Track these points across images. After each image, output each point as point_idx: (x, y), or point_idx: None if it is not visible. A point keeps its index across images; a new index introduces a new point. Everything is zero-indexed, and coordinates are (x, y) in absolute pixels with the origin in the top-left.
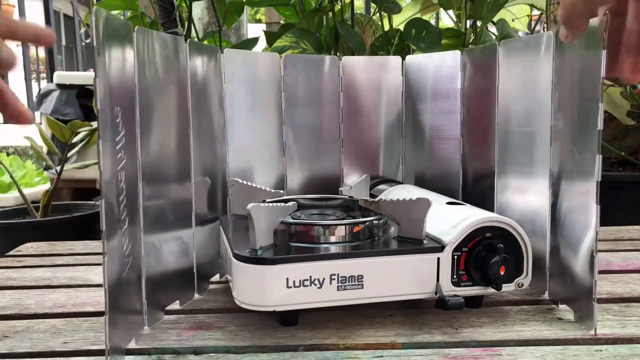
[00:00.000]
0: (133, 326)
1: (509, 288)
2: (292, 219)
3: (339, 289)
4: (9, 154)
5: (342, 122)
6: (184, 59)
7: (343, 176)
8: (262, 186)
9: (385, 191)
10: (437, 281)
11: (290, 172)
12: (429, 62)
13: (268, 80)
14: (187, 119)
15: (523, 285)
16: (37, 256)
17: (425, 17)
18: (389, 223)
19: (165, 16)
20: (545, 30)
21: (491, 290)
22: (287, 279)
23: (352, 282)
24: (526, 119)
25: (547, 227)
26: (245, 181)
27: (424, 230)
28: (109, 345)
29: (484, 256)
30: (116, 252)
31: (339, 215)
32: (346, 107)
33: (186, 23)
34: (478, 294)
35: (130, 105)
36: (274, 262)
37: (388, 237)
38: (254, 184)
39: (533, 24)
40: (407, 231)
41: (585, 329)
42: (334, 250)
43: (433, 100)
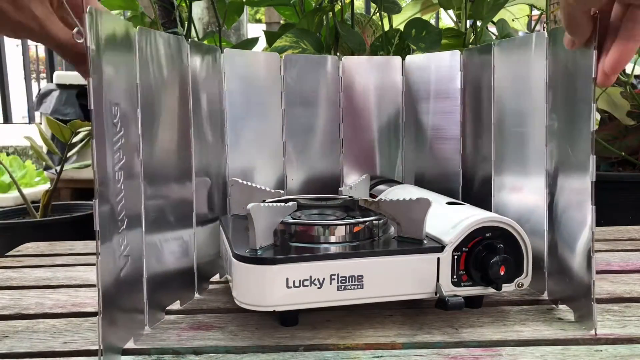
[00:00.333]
0: (132, 326)
1: (509, 288)
2: (292, 219)
3: (339, 289)
4: (9, 154)
5: (342, 122)
6: (185, 58)
7: (343, 176)
8: (262, 186)
9: (385, 191)
10: (437, 281)
11: (290, 172)
12: (429, 62)
13: (268, 80)
14: (187, 119)
15: (523, 285)
16: (37, 256)
17: (425, 17)
18: (389, 223)
19: (165, 16)
20: (545, 30)
21: (491, 290)
22: (287, 279)
23: (352, 282)
24: (521, 118)
25: (545, 227)
26: (245, 181)
27: (424, 230)
28: (102, 345)
29: (484, 256)
30: (111, 252)
31: (339, 215)
32: (346, 107)
33: (186, 23)
34: (478, 294)
35: (130, 104)
36: (274, 262)
37: (388, 237)
38: (254, 184)
39: (533, 24)
40: (407, 231)
41: (586, 329)
42: (334, 250)
43: (433, 100)
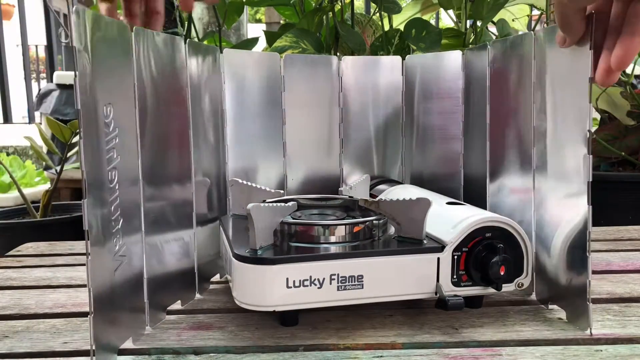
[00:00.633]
0: (131, 325)
1: (509, 288)
2: (292, 219)
3: (339, 289)
4: (9, 154)
5: (342, 122)
6: (182, 58)
7: (343, 176)
8: (262, 186)
9: (385, 191)
10: (437, 281)
11: (290, 172)
12: (430, 62)
13: (267, 80)
14: (186, 119)
15: (523, 285)
16: (37, 256)
17: (425, 17)
18: (389, 223)
19: (165, 16)
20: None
21: (491, 290)
22: (287, 279)
23: (352, 282)
24: (515, 118)
25: (532, 227)
26: (245, 181)
27: (424, 230)
28: (94, 345)
29: (484, 256)
30: (104, 252)
31: (339, 215)
32: (346, 107)
33: (186, 23)
34: (478, 294)
35: (126, 104)
36: (274, 262)
37: (388, 237)
38: (254, 184)
39: (533, 23)
40: (407, 231)
41: (579, 329)
42: (334, 250)
43: (434, 100)
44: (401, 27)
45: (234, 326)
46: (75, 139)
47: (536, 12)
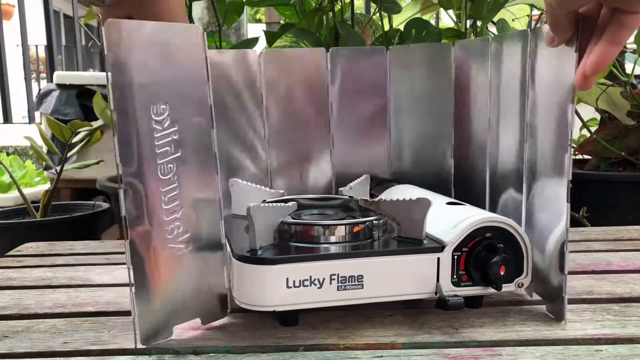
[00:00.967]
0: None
1: (509, 288)
2: (292, 218)
3: (339, 289)
4: (9, 154)
5: (332, 116)
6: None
7: (334, 173)
8: (262, 186)
9: (385, 191)
10: (437, 281)
11: (273, 167)
12: (417, 54)
13: (249, 78)
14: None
15: (523, 285)
16: (37, 256)
17: (425, 17)
18: (389, 223)
19: None
20: None
21: (491, 290)
22: (287, 279)
23: (352, 282)
24: (503, 117)
25: (522, 223)
26: (245, 181)
27: (424, 230)
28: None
29: (484, 256)
30: (151, 239)
31: (339, 215)
32: (335, 102)
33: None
34: (478, 294)
35: (182, 101)
36: (274, 262)
37: (388, 237)
38: (254, 184)
39: (533, 23)
40: (407, 231)
41: (557, 319)
42: (334, 250)
43: (422, 97)
44: (401, 27)
45: (234, 326)
46: (76, 139)
47: (536, 12)
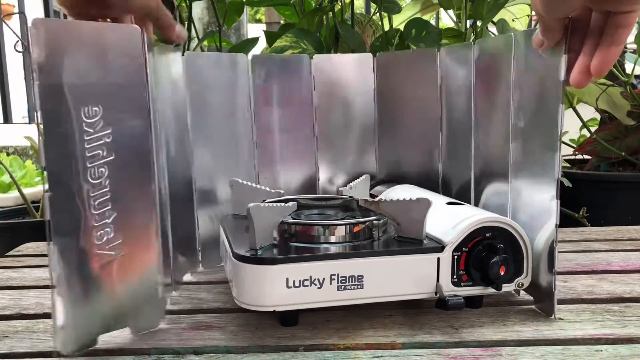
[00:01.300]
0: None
1: (509, 288)
2: (292, 218)
3: (339, 289)
4: (9, 154)
5: (316, 120)
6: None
7: (318, 175)
8: (262, 186)
9: (385, 191)
10: (437, 281)
11: (263, 171)
12: (403, 59)
13: (236, 81)
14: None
15: (523, 285)
16: (37, 256)
17: (425, 17)
18: (389, 223)
19: None
20: None
21: (491, 290)
22: (287, 279)
23: (352, 282)
24: (495, 117)
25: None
26: (245, 181)
27: (424, 230)
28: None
29: (484, 256)
30: (76, 244)
31: (339, 215)
32: (319, 106)
33: (186, 23)
34: (478, 294)
35: (126, 103)
36: (274, 262)
37: (388, 237)
38: (254, 184)
39: (533, 24)
40: (407, 231)
41: (546, 314)
42: (334, 250)
43: (410, 98)
44: (401, 27)
45: (234, 326)
46: None
47: None
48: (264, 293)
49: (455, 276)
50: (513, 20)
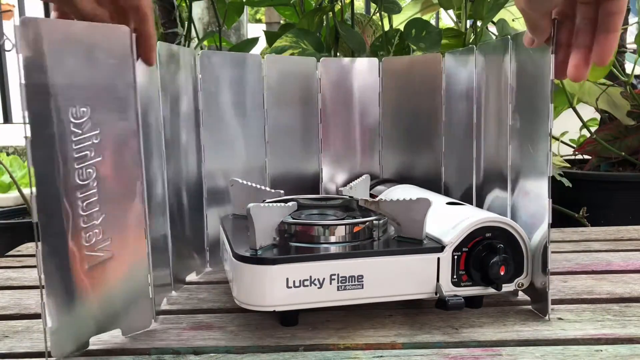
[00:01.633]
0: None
1: (509, 288)
2: (292, 218)
3: (339, 289)
4: (9, 154)
5: (321, 122)
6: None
7: (322, 176)
8: (262, 186)
9: (385, 191)
10: (437, 281)
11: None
12: (408, 63)
13: (247, 82)
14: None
15: (523, 285)
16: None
17: (425, 17)
18: (389, 223)
19: (165, 16)
20: None
21: (491, 290)
22: (287, 279)
23: (352, 282)
24: (493, 118)
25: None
26: (245, 181)
27: (424, 230)
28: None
29: (484, 256)
30: (65, 246)
31: (339, 215)
32: (325, 108)
33: (186, 23)
34: (478, 294)
35: (106, 106)
36: (274, 262)
37: (388, 237)
38: (254, 184)
39: None
40: (407, 231)
41: (541, 314)
42: (334, 250)
43: (414, 101)
44: (401, 27)
45: (234, 326)
46: None
47: None
48: (264, 293)
49: (455, 276)
50: (513, 20)
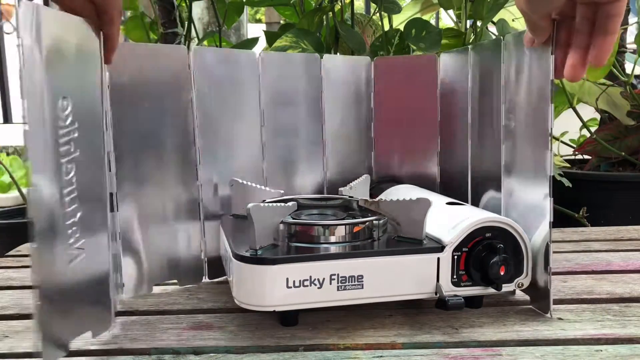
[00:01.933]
0: (89, 320)
1: (509, 288)
2: (292, 218)
3: (339, 289)
4: (9, 154)
5: (325, 123)
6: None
7: (326, 177)
8: (262, 186)
9: (385, 191)
10: (437, 281)
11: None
12: (402, 63)
13: (246, 79)
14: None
15: (523, 285)
16: None
17: (425, 17)
18: (389, 223)
19: (165, 16)
20: None
21: (491, 290)
22: (287, 279)
23: (352, 282)
24: (489, 118)
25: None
26: (245, 181)
27: (424, 230)
28: (40, 338)
29: (484, 256)
30: (54, 243)
31: (339, 215)
32: (326, 107)
33: (186, 23)
34: (478, 294)
35: (90, 100)
36: (274, 262)
37: (388, 237)
38: (254, 184)
39: None
40: (407, 231)
41: (541, 311)
42: (334, 250)
43: (408, 101)
44: (401, 27)
45: (234, 326)
46: None
47: None
48: (264, 293)
49: (455, 276)
50: (513, 20)
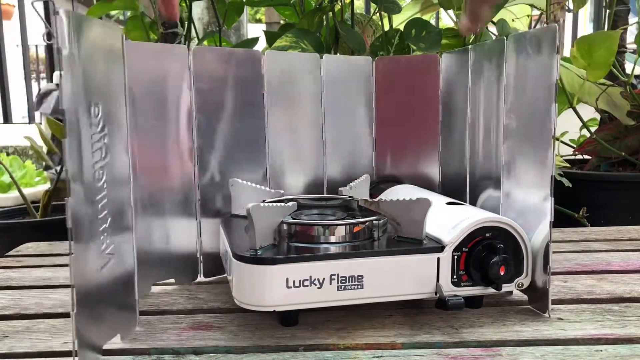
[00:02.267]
0: (119, 323)
1: (509, 288)
2: (292, 218)
3: (339, 289)
4: (9, 154)
5: (324, 122)
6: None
7: (326, 178)
8: (262, 186)
9: (385, 191)
10: (437, 281)
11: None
12: (403, 63)
13: (247, 79)
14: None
15: (523, 286)
16: (37, 256)
17: (425, 17)
18: (389, 223)
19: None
20: None
21: (491, 290)
22: (287, 279)
23: (352, 282)
24: (490, 118)
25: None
26: (245, 181)
27: (424, 230)
28: (76, 345)
29: (484, 256)
30: (89, 250)
31: (339, 215)
32: (326, 107)
33: (186, 23)
34: (478, 294)
35: (115, 105)
36: (274, 262)
37: (388, 237)
38: (254, 184)
39: (533, 23)
40: (407, 231)
41: (540, 311)
42: (334, 250)
43: (409, 101)
44: (401, 27)
45: (234, 326)
46: None
47: (536, 12)
48: (264, 293)
49: (455, 276)
50: (513, 20)
